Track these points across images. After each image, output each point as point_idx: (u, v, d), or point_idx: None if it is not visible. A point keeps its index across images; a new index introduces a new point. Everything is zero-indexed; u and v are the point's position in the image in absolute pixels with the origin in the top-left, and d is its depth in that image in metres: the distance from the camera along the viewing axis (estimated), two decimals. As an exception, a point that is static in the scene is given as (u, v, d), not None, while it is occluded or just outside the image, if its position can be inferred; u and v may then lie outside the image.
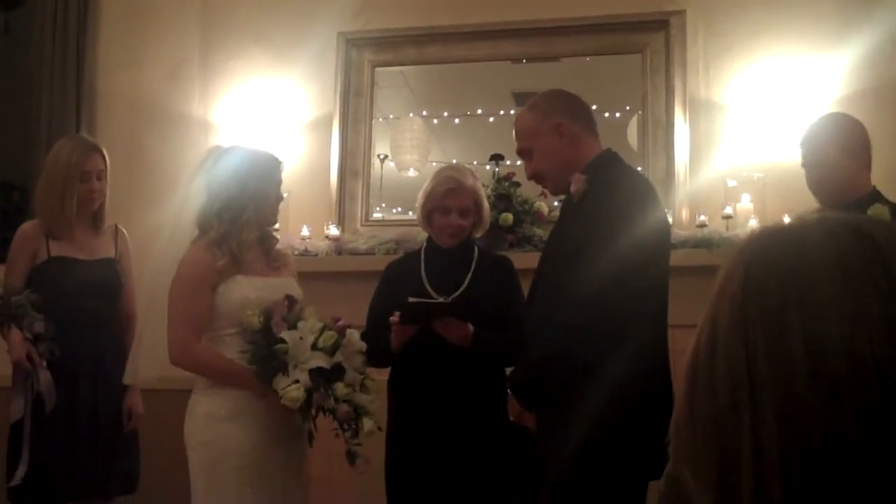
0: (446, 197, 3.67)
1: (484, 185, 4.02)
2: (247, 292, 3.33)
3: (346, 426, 3.24)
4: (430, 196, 3.70)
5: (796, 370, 0.73)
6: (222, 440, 3.26)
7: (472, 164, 4.80)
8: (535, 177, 3.20)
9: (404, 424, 3.60)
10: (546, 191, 4.80)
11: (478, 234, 3.79)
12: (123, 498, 4.14)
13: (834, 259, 0.77)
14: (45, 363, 3.84)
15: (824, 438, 0.70)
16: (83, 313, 4.00)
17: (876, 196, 3.46)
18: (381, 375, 3.62)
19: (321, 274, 4.60)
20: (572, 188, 3.04)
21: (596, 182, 2.97)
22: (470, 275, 3.67)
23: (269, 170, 3.47)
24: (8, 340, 3.85)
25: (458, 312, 3.47)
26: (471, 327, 3.46)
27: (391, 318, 3.47)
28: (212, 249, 3.31)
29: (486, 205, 3.77)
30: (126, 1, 5.67)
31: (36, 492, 3.87)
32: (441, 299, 3.58)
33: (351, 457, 3.27)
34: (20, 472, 3.81)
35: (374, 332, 3.56)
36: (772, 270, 0.79)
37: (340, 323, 3.29)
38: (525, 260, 4.07)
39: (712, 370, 0.78)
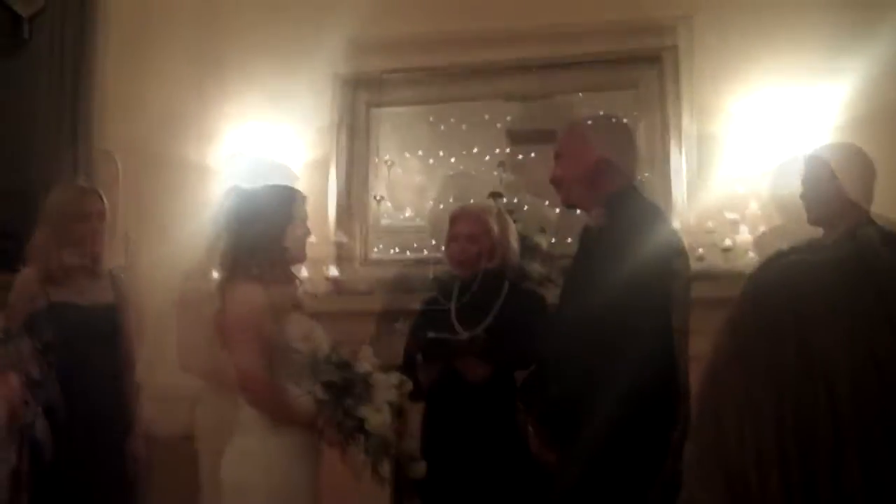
0: (453, 224, 3.75)
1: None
2: (305, 329, 3.33)
3: (403, 464, 3.28)
4: (446, 229, 3.77)
5: (791, 377, 0.73)
6: (289, 485, 3.22)
7: (469, 201, 4.79)
8: (554, 181, 3.26)
9: (435, 462, 3.53)
10: (544, 228, 4.88)
11: (492, 265, 3.77)
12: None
13: (833, 268, 0.77)
14: (41, 410, 3.81)
15: (824, 446, 0.70)
16: (83, 359, 3.98)
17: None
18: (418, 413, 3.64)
19: (322, 315, 4.58)
20: (592, 221, 3.10)
21: (612, 217, 3.01)
22: (496, 310, 3.67)
23: (293, 205, 3.44)
24: (5, 387, 3.82)
25: (474, 349, 3.47)
26: (488, 367, 3.46)
27: (417, 356, 3.51)
28: (262, 286, 3.26)
29: (506, 237, 3.78)
30: (121, 46, 5.69)
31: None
32: (460, 336, 3.59)
33: (404, 497, 3.31)
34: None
35: (408, 368, 3.57)
36: (770, 289, 0.80)
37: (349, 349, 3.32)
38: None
39: (715, 395, 0.78)
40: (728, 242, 4.62)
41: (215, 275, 3.54)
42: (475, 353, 3.48)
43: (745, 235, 4.64)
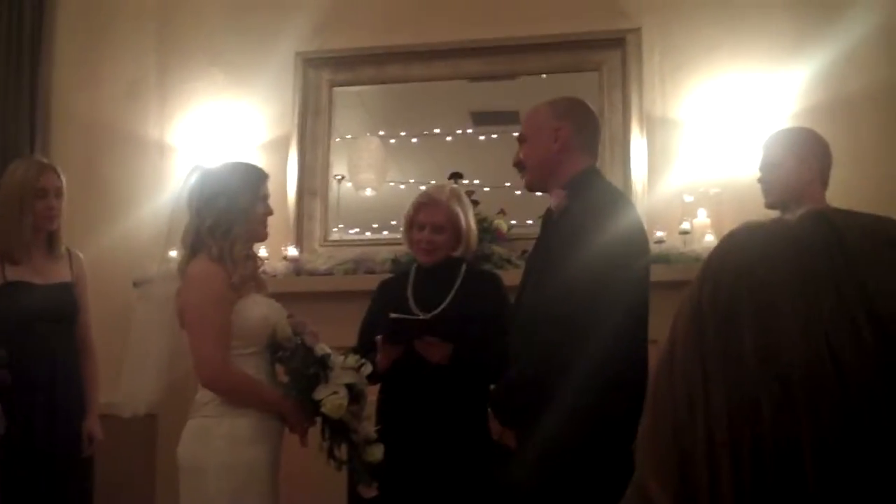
0: (419, 212, 3.71)
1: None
2: (265, 310, 3.30)
3: (360, 448, 3.25)
4: (407, 212, 3.76)
5: (746, 365, 0.71)
6: (249, 465, 3.16)
7: (429, 183, 4.79)
8: (517, 165, 3.28)
9: (392, 444, 3.51)
10: (504, 209, 4.88)
11: (458, 254, 3.77)
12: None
13: (790, 247, 0.75)
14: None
15: (775, 436, 0.68)
16: (39, 339, 3.94)
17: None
18: (372, 395, 3.60)
19: (281, 295, 4.56)
20: (553, 203, 3.11)
21: (574, 198, 3.01)
22: (453, 292, 3.67)
23: (257, 184, 3.41)
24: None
25: (436, 329, 3.47)
26: (450, 347, 3.46)
27: (377, 338, 3.49)
28: (222, 265, 3.23)
29: (469, 225, 3.77)
30: (81, 20, 5.63)
31: (-9, 519, 3.81)
32: (420, 316, 3.58)
33: (361, 479, 3.28)
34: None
35: (364, 350, 3.54)
36: (728, 264, 0.78)
37: (310, 329, 3.30)
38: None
39: (671, 374, 0.76)
40: (686, 226, 4.65)
41: (173, 254, 3.51)
42: (437, 334, 3.48)
43: (703, 219, 4.68)
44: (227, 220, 3.27)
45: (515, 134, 3.36)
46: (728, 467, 0.70)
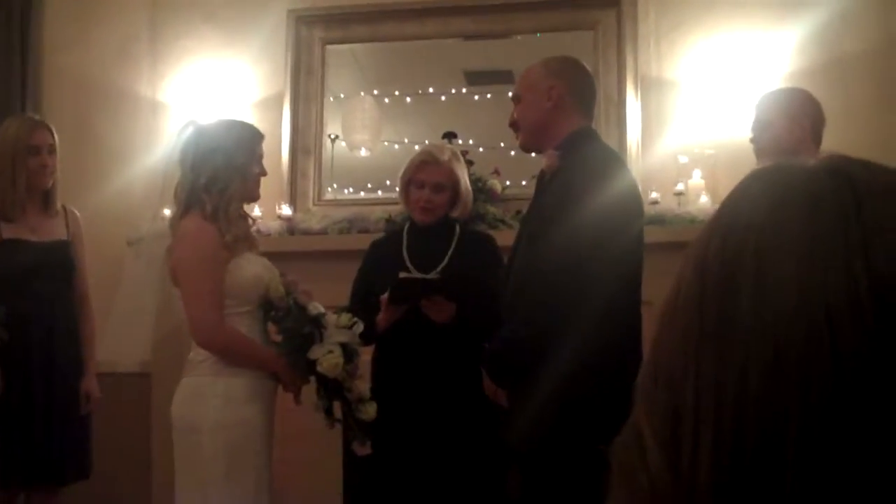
0: (419, 170, 3.68)
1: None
2: (258, 269, 3.28)
3: (354, 406, 3.27)
4: (406, 169, 3.72)
5: (740, 329, 0.68)
6: (244, 423, 3.17)
7: (423, 142, 4.77)
8: (512, 125, 3.25)
9: (388, 403, 3.51)
10: (498, 169, 4.88)
11: (456, 215, 3.75)
12: (76, 483, 4.09)
13: (805, 203, 0.70)
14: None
15: (759, 407, 0.66)
16: (36, 296, 3.94)
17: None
18: (366, 355, 3.61)
19: (274, 254, 4.56)
20: (546, 163, 3.10)
21: (567, 158, 3.00)
22: (451, 252, 3.67)
23: (253, 143, 3.38)
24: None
25: (446, 289, 3.47)
26: (454, 307, 3.46)
27: (381, 297, 3.48)
28: (215, 224, 3.20)
29: (465, 186, 3.74)
30: (72, -21, 5.58)
31: (-11, 477, 3.83)
32: (429, 276, 3.58)
33: (356, 437, 3.30)
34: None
35: (359, 310, 3.51)
36: (739, 218, 0.73)
37: (302, 288, 3.30)
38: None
39: (671, 323, 0.74)
40: (681, 187, 4.65)
41: (167, 212, 3.49)
42: (447, 294, 3.48)
43: (697, 180, 4.68)
44: (223, 178, 3.24)
45: (510, 94, 3.34)
46: (710, 433, 0.67)
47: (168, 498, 3.35)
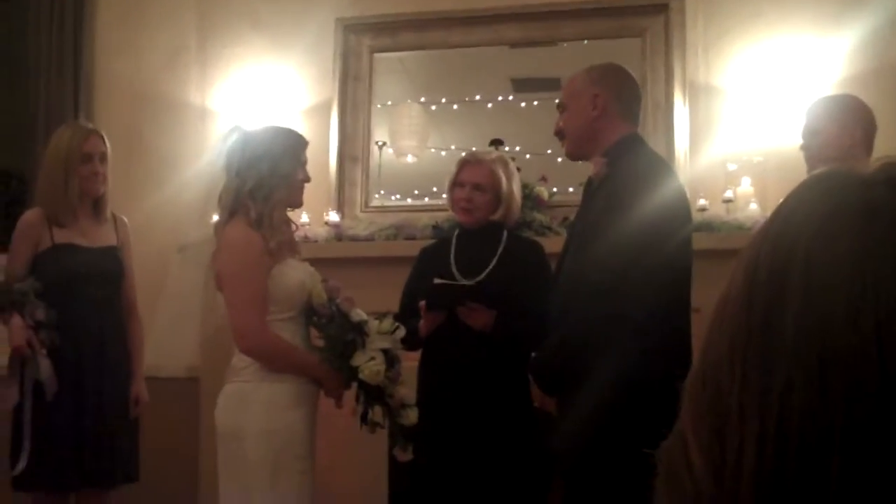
0: (461, 170, 3.71)
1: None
2: (301, 276, 3.29)
3: (395, 411, 3.28)
4: (452, 173, 3.74)
5: (787, 340, 0.66)
6: (288, 429, 3.17)
7: (470, 149, 4.78)
8: (558, 133, 3.24)
9: (431, 410, 3.51)
10: (545, 176, 4.87)
11: (496, 218, 3.71)
12: (124, 487, 4.13)
13: (859, 213, 0.67)
14: (45, 351, 3.83)
15: (803, 417, 0.64)
16: (87, 301, 3.99)
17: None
18: (413, 361, 3.63)
19: (321, 260, 4.60)
20: (593, 171, 3.08)
21: (615, 165, 2.99)
22: (496, 258, 3.66)
23: (298, 150, 3.39)
24: (9, 327, 3.84)
25: (480, 296, 3.47)
26: (493, 313, 3.45)
27: (420, 304, 3.50)
28: (259, 230, 3.21)
29: (511, 190, 3.72)
30: (123, -12, 5.66)
31: (40, 481, 3.86)
32: (464, 282, 3.59)
33: (397, 443, 3.32)
34: (22, 460, 3.81)
35: (405, 316, 3.55)
36: (791, 227, 0.71)
37: (345, 295, 3.31)
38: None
39: (720, 329, 0.72)
40: (730, 194, 4.62)
41: (215, 218, 3.52)
42: (481, 300, 3.48)
43: (746, 187, 4.64)
44: (268, 185, 3.25)
45: (556, 101, 3.33)
46: (754, 442, 0.66)
47: (214, 503, 3.37)
